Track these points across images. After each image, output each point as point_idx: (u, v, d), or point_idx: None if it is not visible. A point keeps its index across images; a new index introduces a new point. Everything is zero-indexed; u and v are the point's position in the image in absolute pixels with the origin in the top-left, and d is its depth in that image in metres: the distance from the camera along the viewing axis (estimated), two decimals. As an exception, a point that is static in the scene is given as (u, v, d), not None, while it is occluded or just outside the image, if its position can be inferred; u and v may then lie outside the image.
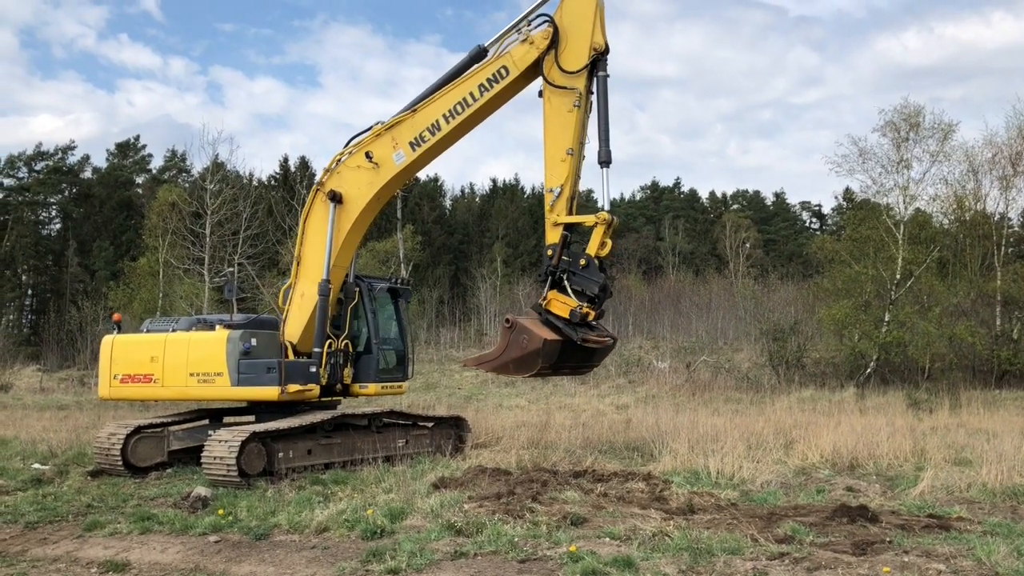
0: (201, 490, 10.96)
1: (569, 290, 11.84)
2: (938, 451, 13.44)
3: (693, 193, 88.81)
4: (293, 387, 12.96)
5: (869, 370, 33.12)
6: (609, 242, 11.89)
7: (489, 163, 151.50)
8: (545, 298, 11.98)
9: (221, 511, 9.95)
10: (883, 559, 7.22)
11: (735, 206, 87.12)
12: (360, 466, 12.78)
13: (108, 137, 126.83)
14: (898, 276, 33.77)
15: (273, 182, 62.48)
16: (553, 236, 12.08)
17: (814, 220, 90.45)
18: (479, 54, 12.91)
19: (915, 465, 12.61)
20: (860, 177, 38.79)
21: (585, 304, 11.69)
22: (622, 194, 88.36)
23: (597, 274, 11.75)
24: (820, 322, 36.65)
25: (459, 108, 12.85)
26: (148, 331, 14.77)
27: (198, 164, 62.36)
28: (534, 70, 12.43)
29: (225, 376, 13.13)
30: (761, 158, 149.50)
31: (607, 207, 12.13)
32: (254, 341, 13.26)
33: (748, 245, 67.50)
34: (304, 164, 61.68)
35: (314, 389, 13.33)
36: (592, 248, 11.85)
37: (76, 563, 8.34)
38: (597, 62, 12.10)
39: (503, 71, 12.56)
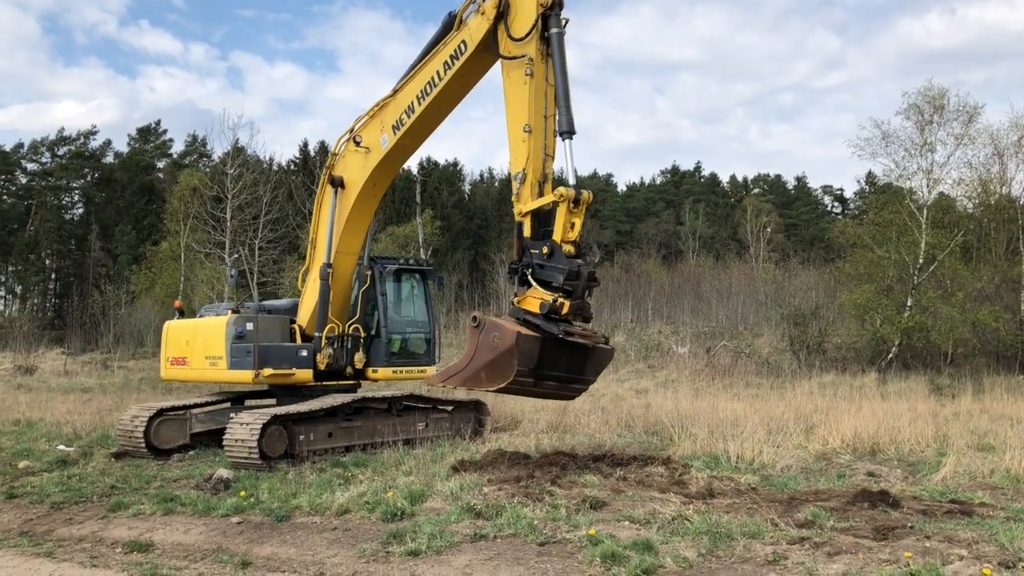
0: (223, 472, 11.05)
1: (535, 284, 10.44)
2: (960, 437, 13.33)
3: (714, 177, 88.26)
4: (268, 371, 13.09)
5: (891, 355, 32.86)
6: (578, 222, 10.37)
7: (506, 149, 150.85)
8: (516, 295, 10.62)
9: (243, 493, 10.05)
10: (904, 544, 7.18)
11: (756, 190, 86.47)
12: (380, 449, 12.86)
13: (130, 123, 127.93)
14: (921, 260, 33.42)
15: (293, 167, 62.66)
16: (516, 247, 10.77)
17: (836, 204, 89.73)
18: (450, 22, 12.23)
19: (937, 451, 12.52)
20: (883, 161, 38.42)
21: (559, 295, 10.22)
22: (642, 178, 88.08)
23: (564, 261, 10.23)
24: (841, 307, 36.37)
25: (428, 88, 12.27)
26: (201, 316, 15.11)
27: (219, 149, 62.82)
28: (493, 41, 11.44)
29: (224, 360, 13.44)
30: (782, 142, 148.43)
31: (572, 181, 10.38)
32: (249, 325, 13.40)
33: (769, 229, 66.97)
34: (324, 149, 61.74)
35: (298, 374, 13.46)
36: (557, 233, 10.29)
37: (101, 543, 8.45)
38: (548, 19, 10.79)
39: (462, 46, 11.79)
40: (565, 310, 10.16)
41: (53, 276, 69.74)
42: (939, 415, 16.40)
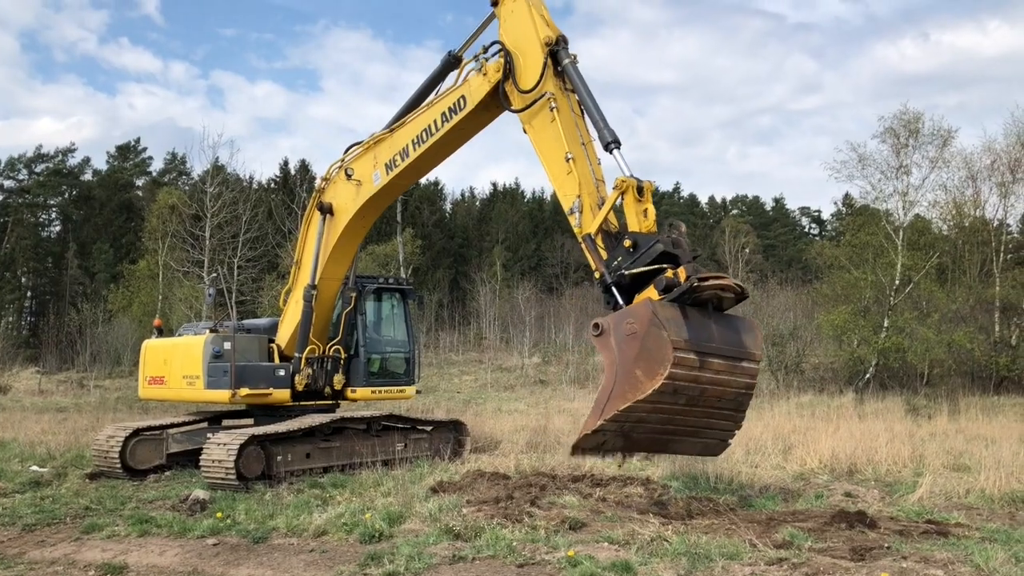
0: (199, 493, 10.95)
1: (622, 291, 9.21)
2: (936, 457, 13.44)
3: (693, 198, 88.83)
4: (245, 391, 13.05)
5: (868, 376, 33.12)
6: (650, 208, 9.49)
7: (489, 167, 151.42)
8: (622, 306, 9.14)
9: (219, 514, 9.95)
10: (881, 565, 7.22)
11: (734, 211, 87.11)
12: (359, 470, 12.78)
13: (110, 140, 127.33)
14: (897, 282, 33.79)
15: (273, 185, 62.51)
16: (594, 259, 9.64)
17: (813, 226, 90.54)
18: (450, 61, 12.14)
19: (914, 471, 12.61)
20: (859, 183, 39.08)
21: (668, 266, 9.02)
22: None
23: (650, 240, 9.19)
24: (819, 327, 36.68)
25: (424, 136, 12.03)
26: (180, 335, 15.08)
27: (198, 167, 62.55)
28: (494, 101, 11.19)
29: (201, 379, 13.39)
30: (760, 164, 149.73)
31: (627, 173, 9.68)
32: (226, 345, 13.34)
33: (747, 250, 67.36)
34: (304, 168, 61.76)
35: (275, 394, 13.42)
36: (632, 224, 9.45)
37: (74, 565, 8.32)
38: (556, 55, 10.54)
39: (462, 101, 11.50)
40: (683, 276, 8.83)
41: (29, 294, 69.02)
42: (915, 435, 16.53)
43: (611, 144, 9.93)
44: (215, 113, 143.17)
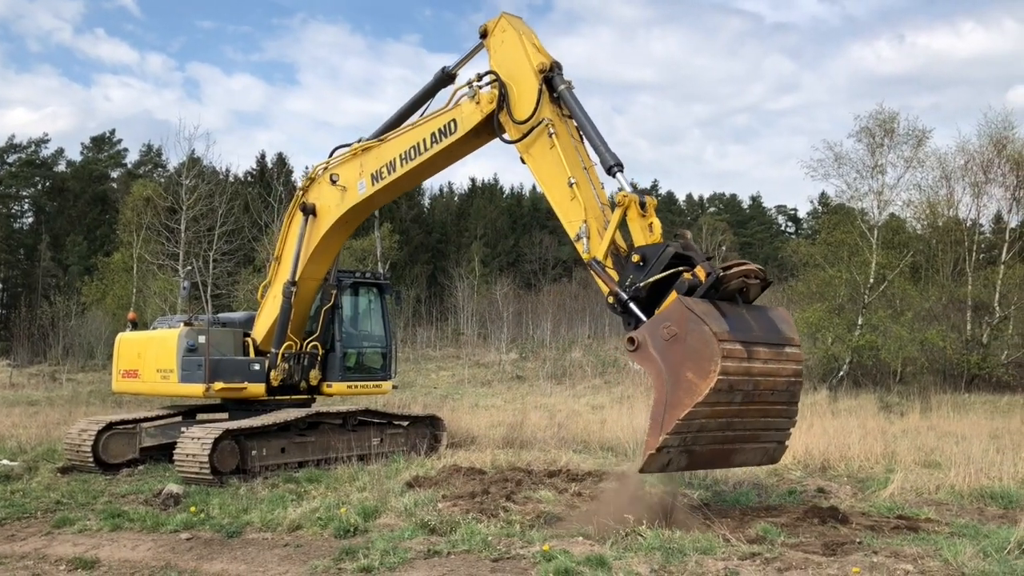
0: (173, 487, 10.88)
1: (642, 307, 8.79)
2: (908, 453, 13.59)
3: (671, 196, 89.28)
4: (219, 385, 12.99)
5: (842, 373, 33.41)
6: (655, 223, 9.22)
7: (468, 163, 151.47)
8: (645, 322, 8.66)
9: (193, 508, 9.89)
10: (852, 559, 7.30)
11: (712, 209, 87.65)
12: (334, 465, 12.74)
13: (85, 132, 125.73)
14: (871, 280, 34.09)
15: (250, 178, 62.08)
16: (603, 283, 9.30)
17: (790, 224, 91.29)
18: (444, 79, 11.90)
19: (886, 467, 12.74)
20: (835, 182, 39.26)
21: (684, 270, 8.70)
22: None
23: (659, 248, 8.94)
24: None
25: (413, 153, 11.82)
26: (154, 328, 15.02)
27: (174, 159, 61.91)
28: (487, 129, 10.95)
29: (175, 373, 13.32)
30: (738, 163, 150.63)
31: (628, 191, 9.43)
32: (201, 338, 13.26)
33: (724, 248, 67.75)
34: (282, 161, 61.41)
35: (249, 388, 13.36)
36: (638, 239, 9.17)
37: (44, 560, 8.24)
38: (551, 81, 10.26)
39: (452, 125, 11.27)
40: (703, 275, 8.50)
41: (0, 286, 68.18)
42: (888, 432, 16.69)
43: (614, 167, 9.63)
44: (191, 105, 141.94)
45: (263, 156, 67.02)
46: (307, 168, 75.58)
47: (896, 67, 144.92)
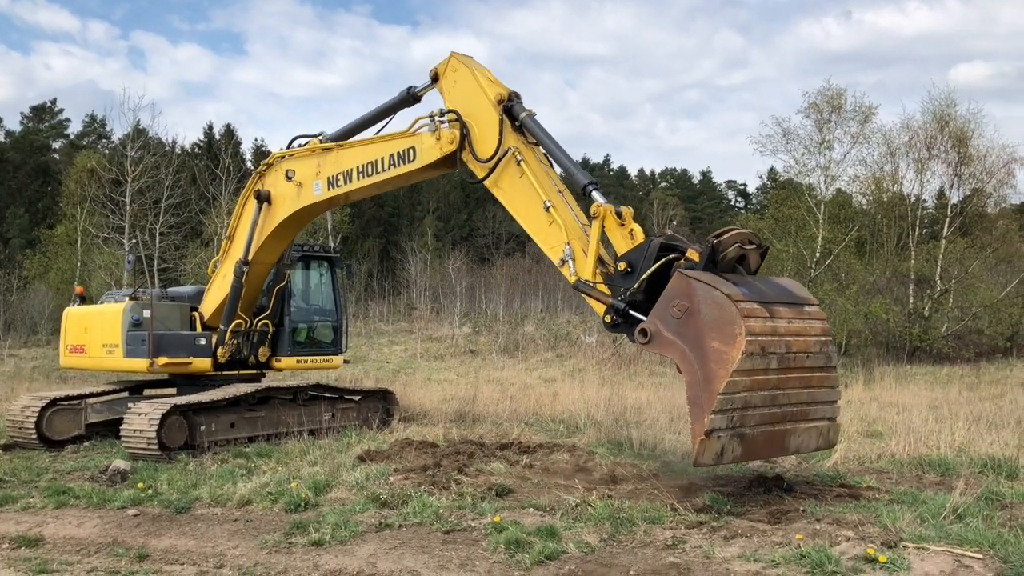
0: (120, 463, 10.74)
1: (641, 309, 8.48)
2: (851, 424, 13.90)
3: (623, 171, 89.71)
4: (163, 360, 12.85)
5: (789, 345, 34.00)
6: (636, 229, 8.89)
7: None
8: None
9: (141, 484, 9.78)
10: (796, 527, 7.47)
11: (663, 184, 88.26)
12: (285, 439, 12.66)
13: (25, 102, 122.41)
14: (818, 254, 34.71)
15: (197, 150, 60.93)
16: (595, 302, 8.99)
17: (739, 199, 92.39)
18: (408, 99, 11.60)
19: (829, 437, 13.02)
20: (783, 157, 39.84)
21: (673, 255, 8.57)
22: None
23: (643, 248, 8.69)
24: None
25: (370, 169, 11.55)
26: (102, 303, 14.75)
27: (119, 130, 60.53)
28: (446, 163, 10.73)
29: (120, 348, 13.15)
30: (688, 138, 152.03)
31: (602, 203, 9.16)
32: (145, 313, 13.07)
33: (675, 223, 68.39)
34: (230, 132, 60.40)
35: (195, 363, 13.25)
36: (620, 248, 8.94)
37: (-13, 538, 8.10)
38: (511, 110, 10.05)
39: (411, 152, 10.97)
40: (696, 256, 8.30)
41: (-63, 260, 66.22)
42: (832, 403, 17.04)
43: (588, 186, 9.38)
44: (137, 76, 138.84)
45: (211, 127, 65.97)
46: (256, 141, 74.47)
47: (843, 44, 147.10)
